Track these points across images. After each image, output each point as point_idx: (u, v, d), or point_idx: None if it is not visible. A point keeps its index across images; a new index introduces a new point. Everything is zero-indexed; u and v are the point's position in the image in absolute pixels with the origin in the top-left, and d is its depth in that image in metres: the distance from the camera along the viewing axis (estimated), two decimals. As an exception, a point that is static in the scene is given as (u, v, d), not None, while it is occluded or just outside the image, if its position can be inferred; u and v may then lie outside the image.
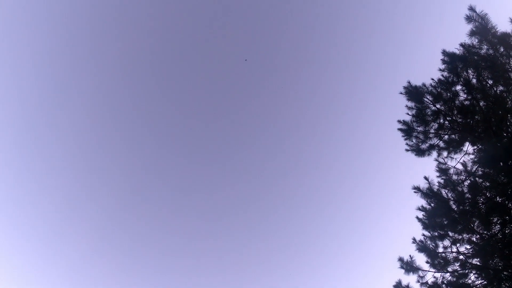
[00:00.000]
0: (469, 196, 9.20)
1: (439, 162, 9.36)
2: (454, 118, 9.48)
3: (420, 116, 9.33)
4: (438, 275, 8.91)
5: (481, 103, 9.78)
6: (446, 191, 9.03)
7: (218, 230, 34.45)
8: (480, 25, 9.31)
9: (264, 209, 35.65)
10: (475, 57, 9.72)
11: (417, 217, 9.10)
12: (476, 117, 9.88)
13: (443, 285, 8.82)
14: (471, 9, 9.20)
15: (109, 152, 35.63)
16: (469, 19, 9.24)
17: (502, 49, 9.27)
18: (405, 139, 9.76)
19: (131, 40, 34.39)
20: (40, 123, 33.49)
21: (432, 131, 9.52)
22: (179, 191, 36.20)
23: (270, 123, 37.83)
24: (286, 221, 35.17)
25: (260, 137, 37.82)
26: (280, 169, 37.70)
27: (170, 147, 37.23)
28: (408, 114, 9.53)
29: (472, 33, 9.41)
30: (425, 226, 8.96)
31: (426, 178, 8.90)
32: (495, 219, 8.94)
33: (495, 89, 9.57)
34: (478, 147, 9.73)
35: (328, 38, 35.02)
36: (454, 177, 9.21)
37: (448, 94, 9.40)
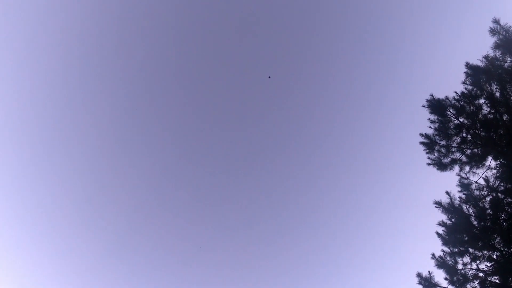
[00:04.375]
0: (491, 212, 9.90)
1: (461, 177, 10.04)
2: (477, 132, 10.18)
3: (443, 129, 9.96)
4: (456, 292, 9.58)
5: (505, 117, 10.51)
6: (467, 206, 9.69)
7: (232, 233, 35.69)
8: (505, 38, 10.05)
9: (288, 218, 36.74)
10: (499, 70, 10.47)
11: (437, 233, 9.65)
12: (500, 130, 10.60)
13: (462, 303, 9.49)
14: (496, 21, 9.93)
15: (119, 154, 37.10)
16: (493, 31, 9.93)
17: (527, 63, 10.02)
18: (427, 153, 10.31)
19: (151, 46, 35.95)
20: (52, 124, 34.99)
21: (454, 145, 10.08)
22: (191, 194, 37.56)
23: (290, 129, 38.93)
24: (306, 239, 36.08)
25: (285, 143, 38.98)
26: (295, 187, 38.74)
27: (178, 149, 38.54)
28: (430, 127, 10.09)
29: (496, 46, 10.13)
30: (445, 242, 9.53)
31: (447, 193, 9.49)
32: (517, 237, 9.64)
33: (519, 103, 10.29)
34: (501, 161, 10.42)
35: (345, 51, 36.14)
36: (476, 192, 9.85)
37: (471, 108, 10.09)
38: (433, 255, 9.64)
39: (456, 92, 10.07)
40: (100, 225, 34.06)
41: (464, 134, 10.07)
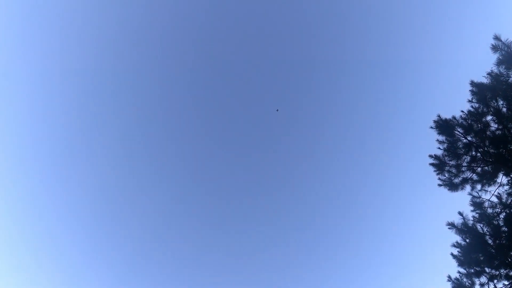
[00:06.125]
0: (506, 229, 10.11)
1: (473, 196, 10.26)
2: (486, 149, 10.43)
3: (452, 149, 10.22)
4: (476, 313, 9.76)
5: (513, 132, 10.75)
6: (482, 225, 9.93)
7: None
8: (507, 53, 10.33)
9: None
10: (504, 86, 10.73)
11: (452, 254, 9.86)
12: (509, 146, 10.83)
13: (482, 324, 9.67)
14: (497, 38, 10.23)
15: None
16: (495, 48, 10.24)
17: (531, 77, 10.28)
18: (437, 174, 10.55)
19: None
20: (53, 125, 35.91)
21: (464, 164, 10.32)
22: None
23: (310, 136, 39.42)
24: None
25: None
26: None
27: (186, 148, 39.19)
28: (439, 148, 10.37)
29: (499, 62, 10.42)
30: (461, 263, 9.70)
31: (460, 213, 9.76)
32: (534, 252, 9.83)
33: (526, 117, 10.52)
34: (512, 177, 10.66)
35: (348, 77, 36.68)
36: (489, 210, 10.09)
37: (479, 125, 10.36)
38: (449, 277, 9.81)
39: (462, 111, 10.33)
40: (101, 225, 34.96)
41: (473, 153, 10.31)
